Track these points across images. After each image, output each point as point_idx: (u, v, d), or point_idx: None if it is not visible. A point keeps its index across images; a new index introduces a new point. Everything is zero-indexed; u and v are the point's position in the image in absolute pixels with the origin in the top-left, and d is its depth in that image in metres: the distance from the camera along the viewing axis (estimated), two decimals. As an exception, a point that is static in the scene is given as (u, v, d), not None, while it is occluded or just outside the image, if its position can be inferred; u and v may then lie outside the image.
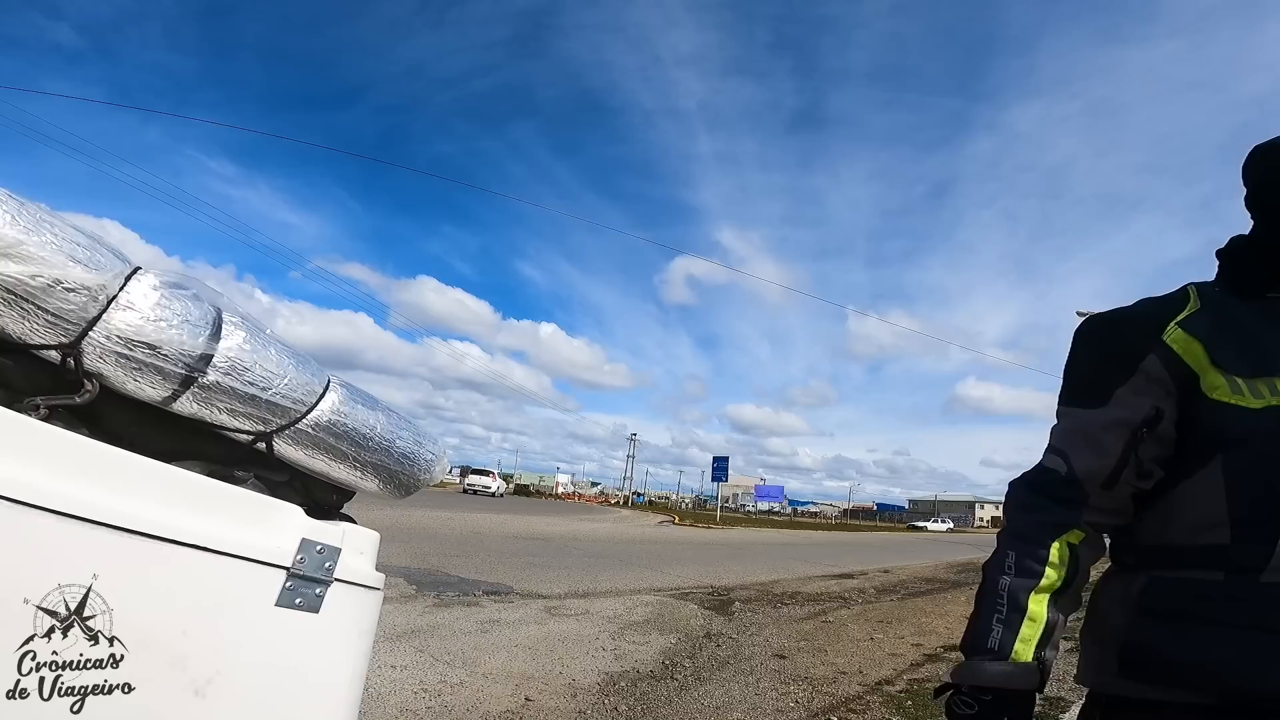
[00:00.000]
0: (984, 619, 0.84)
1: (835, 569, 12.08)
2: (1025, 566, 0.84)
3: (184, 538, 0.72)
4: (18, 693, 0.61)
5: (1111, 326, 0.90)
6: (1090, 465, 0.85)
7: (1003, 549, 0.87)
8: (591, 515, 29.25)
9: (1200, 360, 0.81)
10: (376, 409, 1.06)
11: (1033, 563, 0.84)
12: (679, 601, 6.97)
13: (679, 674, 4.27)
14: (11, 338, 0.74)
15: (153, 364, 0.80)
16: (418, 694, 3.42)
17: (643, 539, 16.62)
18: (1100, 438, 0.85)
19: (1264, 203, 0.88)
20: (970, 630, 0.85)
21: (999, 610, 0.83)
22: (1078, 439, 0.87)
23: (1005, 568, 0.85)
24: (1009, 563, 0.85)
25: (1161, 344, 0.84)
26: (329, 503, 1.06)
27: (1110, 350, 0.87)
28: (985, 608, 0.85)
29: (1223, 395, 0.79)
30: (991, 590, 0.85)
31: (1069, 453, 0.87)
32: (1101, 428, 0.85)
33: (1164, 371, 0.82)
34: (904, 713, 3.73)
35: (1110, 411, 0.84)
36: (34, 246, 0.71)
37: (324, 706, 0.86)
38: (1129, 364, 0.84)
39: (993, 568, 0.87)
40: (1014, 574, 0.84)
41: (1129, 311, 0.91)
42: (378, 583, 0.93)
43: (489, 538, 12.11)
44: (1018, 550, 0.85)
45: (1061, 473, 0.87)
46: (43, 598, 0.62)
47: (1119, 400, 0.84)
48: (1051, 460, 0.89)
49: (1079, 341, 0.94)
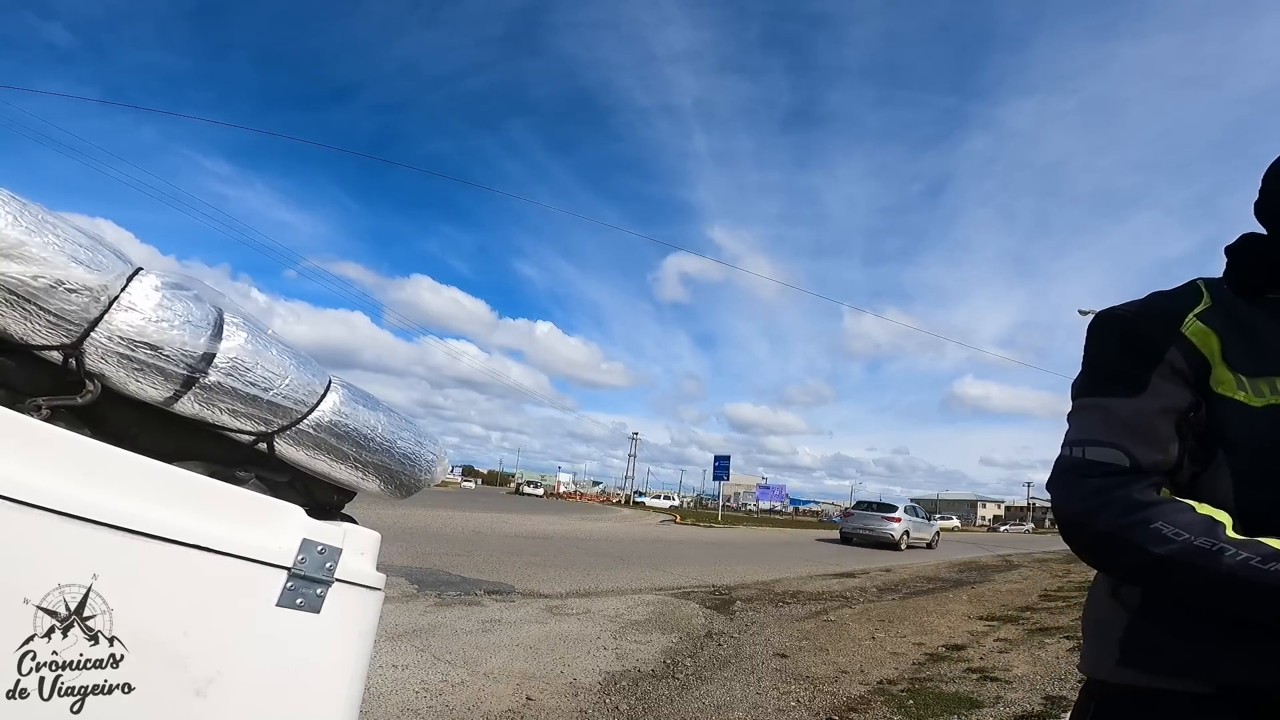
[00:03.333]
0: (1249, 568, 0.65)
1: (837, 568, 12.08)
2: (1191, 521, 0.70)
3: (185, 538, 0.73)
4: (18, 693, 0.61)
5: (1130, 319, 0.87)
6: (1154, 457, 0.78)
7: (1138, 525, 0.71)
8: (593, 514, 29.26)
9: (1214, 354, 0.80)
10: (378, 409, 1.06)
11: (1191, 515, 0.71)
12: (680, 600, 6.97)
13: (680, 673, 4.27)
14: (14, 338, 0.74)
15: (154, 364, 0.80)
16: (419, 693, 3.43)
17: (644, 538, 16.62)
18: (1154, 426, 0.79)
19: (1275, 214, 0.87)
20: (1248, 593, 0.66)
21: (1246, 555, 0.66)
22: (1130, 430, 0.79)
23: (1172, 535, 0.69)
24: (1170, 530, 0.70)
25: (1181, 336, 0.83)
26: (330, 503, 1.06)
27: (1134, 342, 0.85)
28: (1231, 565, 0.66)
29: (1228, 390, 0.78)
30: (1201, 552, 0.68)
31: (1125, 444, 0.79)
32: (1153, 414, 0.79)
33: (1185, 363, 0.81)
34: (906, 712, 3.73)
35: (1153, 399, 0.80)
36: (36, 247, 0.71)
37: (325, 706, 0.86)
38: (1153, 353, 0.82)
39: (1157, 543, 0.70)
40: (1192, 531, 0.69)
41: (1146, 305, 0.89)
42: (379, 583, 0.94)
43: (490, 537, 12.12)
44: (1162, 515, 0.71)
45: (1127, 465, 0.78)
46: (43, 598, 0.62)
47: (1157, 387, 0.81)
48: (1102, 454, 0.79)
49: (1097, 334, 0.91)
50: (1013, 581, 11.44)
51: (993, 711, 3.75)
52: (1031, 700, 3.92)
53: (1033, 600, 8.81)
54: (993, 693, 4.11)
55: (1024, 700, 3.91)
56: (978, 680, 4.44)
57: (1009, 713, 3.73)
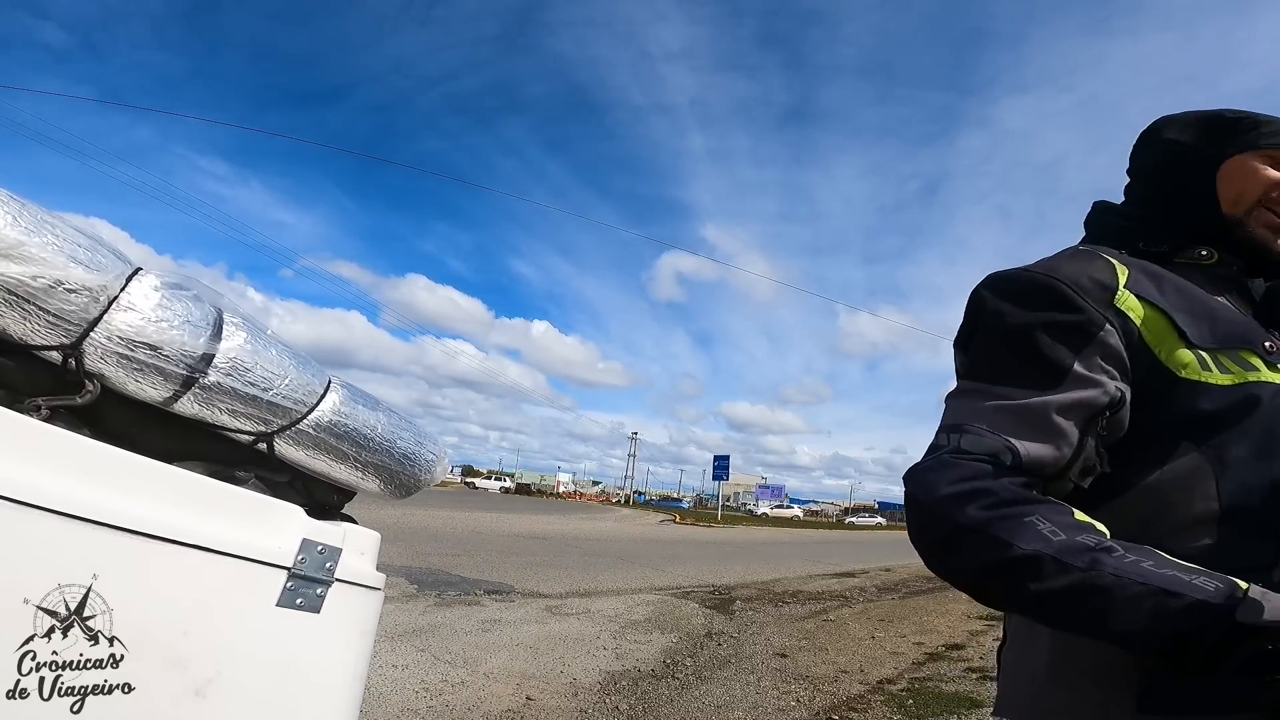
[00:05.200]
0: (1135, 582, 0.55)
1: (836, 568, 12.08)
2: (1073, 522, 0.60)
3: (185, 538, 0.72)
4: (18, 693, 0.61)
5: (1051, 287, 0.72)
6: (1043, 453, 0.66)
7: (1010, 519, 0.59)
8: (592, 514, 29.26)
9: (1162, 333, 0.70)
10: (377, 409, 1.06)
11: (1072, 516, 0.61)
12: (680, 600, 6.97)
13: (680, 673, 4.27)
14: (13, 338, 0.74)
15: (154, 365, 0.80)
16: (419, 693, 3.43)
17: (643, 538, 16.62)
18: (1054, 422, 0.66)
19: (1182, 164, 0.84)
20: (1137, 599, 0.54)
21: (1135, 559, 0.56)
22: (1021, 421, 0.67)
23: (1049, 532, 0.58)
24: (1047, 527, 0.58)
25: (1117, 311, 0.71)
26: (330, 503, 1.06)
27: (1058, 318, 0.70)
28: (1120, 567, 0.56)
29: (1192, 373, 0.69)
30: (1084, 550, 0.57)
31: (1011, 438, 0.66)
32: (1057, 410, 0.67)
33: (1120, 346, 0.70)
34: (905, 711, 3.73)
35: (1069, 393, 0.67)
36: (35, 247, 0.71)
37: (325, 706, 0.86)
38: (1083, 335, 0.69)
39: (1028, 539, 0.58)
40: (1069, 532, 0.58)
41: (1064, 270, 0.73)
42: (379, 583, 0.94)
43: (490, 537, 12.12)
44: (1040, 510, 0.60)
45: (1006, 462, 0.65)
46: (43, 598, 0.62)
47: (1076, 378, 0.68)
48: (981, 444, 0.66)
49: (1004, 303, 0.73)
50: (1012, 581, 11.43)
51: (992, 711, 3.75)
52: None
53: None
54: (992, 692, 4.10)
55: (1024, 699, 3.90)
56: (977, 680, 4.44)
57: (1009, 712, 3.72)
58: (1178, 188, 0.85)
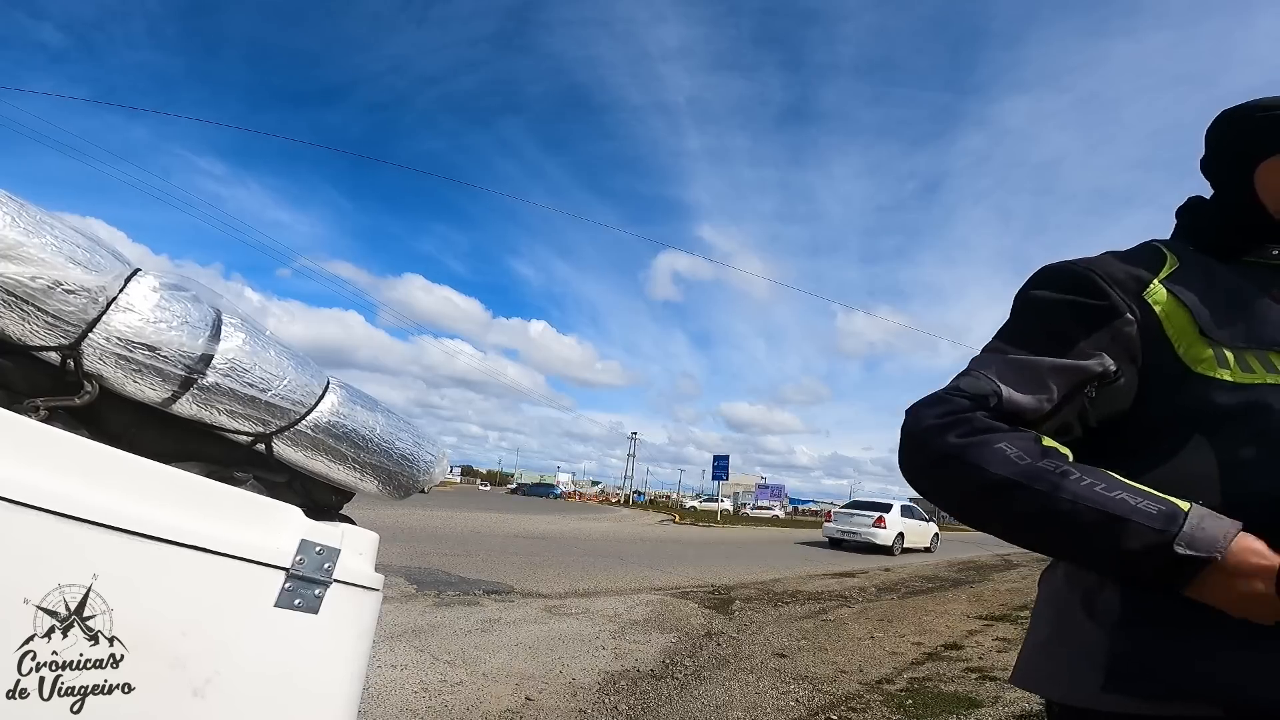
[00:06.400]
0: (1089, 502, 0.60)
1: (836, 567, 12.09)
2: (1039, 448, 0.66)
3: (183, 538, 0.73)
4: (18, 693, 0.61)
5: (1080, 276, 0.77)
6: (1025, 401, 0.72)
7: (982, 446, 0.66)
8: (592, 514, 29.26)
9: (1183, 327, 0.72)
10: (376, 410, 1.06)
11: (1038, 444, 0.67)
12: (679, 600, 6.97)
13: (679, 673, 4.27)
14: (12, 339, 0.74)
15: (152, 365, 0.81)
16: (418, 693, 3.43)
17: (642, 538, 16.62)
18: (1043, 377, 0.73)
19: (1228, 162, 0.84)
20: (1085, 522, 0.60)
21: (1090, 482, 0.62)
22: (1015, 373, 0.74)
23: (1015, 458, 0.65)
24: (1014, 452, 0.65)
25: (1142, 303, 0.74)
26: (328, 503, 1.06)
27: (1079, 303, 0.76)
28: (1069, 495, 0.61)
29: (1208, 369, 0.70)
30: (1044, 474, 0.63)
31: (1001, 382, 0.72)
32: (1049, 369, 0.73)
33: (1135, 334, 0.73)
34: (905, 711, 3.74)
35: (1064, 360, 0.73)
36: (34, 248, 0.71)
37: (323, 707, 0.86)
38: (1098, 320, 0.74)
39: (995, 464, 0.65)
40: (1036, 456, 0.65)
41: (1101, 263, 0.79)
42: (377, 583, 0.94)
43: (489, 537, 12.11)
44: (1007, 438, 0.67)
45: (989, 401, 0.71)
46: (43, 598, 0.62)
47: (1078, 352, 0.74)
48: (974, 384, 0.73)
49: (1039, 288, 0.81)
50: (1011, 581, 11.45)
51: (991, 711, 3.76)
52: (1030, 700, 3.93)
53: (1031, 599, 8.81)
54: (991, 692, 4.11)
55: (1023, 699, 3.91)
56: (976, 680, 4.45)
57: (1008, 712, 3.73)
58: (1224, 187, 0.85)
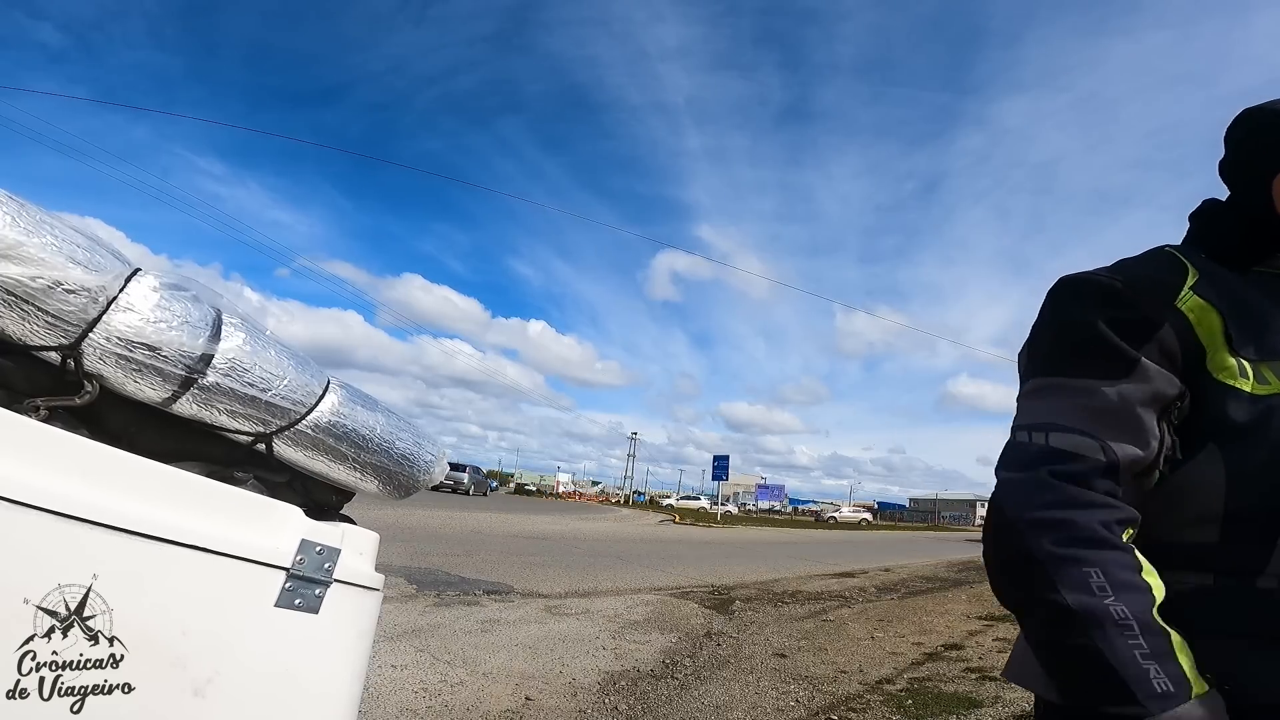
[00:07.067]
0: (1122, 657, 0.59)
1: (836, 568, 12.08)
2: (1125, 581, 0.62)
3: (184, 538, 0.73)
4: (18, 693, 0.61)
5: (1115, 289, 0.74)
6: (1132, 451, 0.68)
7: (1070, 563, 0.62)
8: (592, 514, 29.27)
9: (1214, 335, 0.71)
10: (376, 410, 1.06)
11: (1130, 574, 0.62)
12: (679, 600, 6.97)
13: (679, 673, 4.27)
14: (12, 339, 0.74)
15: (153, 365, 0.81)
16: (418, 693, 3.43)
17: (642, 538, 16.62)
18: (1138, 416, 0.69)
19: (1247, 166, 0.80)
20: (1107, 673, 0.59)
21: (1136, 645, 0.59)
22: (1108, 417, 0.69)
23: (1095, 588, 0.61)
24: (1098, 582, 0.61)
25: (1176, 312, 0.72)
26: (328, 503, 1.06)
27: (1121, 315, 0.72)
28: (1112, 643, 0.59)
29: (1229, 378, 0.69)
30: (1103, 620, 0.60)
31: (1101, 434, 0.68)
32: (1139, 403, 0.69)
33: (1176, 345, 0.71)
34: (904, 711, 3.74)
35: (1140, 384, 0.69)
36: (34, 248, 0.71)
37: (324, 706, 0.86)
38: (1145, 332, 0.71)
39: (1071, 588, 0.61)
40: (1116, 593, 0.61)
41: (1130, 272, 0.76)
42: (377, 583, 0.94)
43: (489, 537, 12.11)
44: (1100, 562, 0.62)
45: (1100, 459, 0.67)
46: (43, 598, 0.62)
47: (1145, 371, 0.70)
48: (1072, 442, 0.69)
49: (1071, 302, 0.77)
50: (1011, 581, 11.42)
51: (991, 711, 3.76)
52: (1030, 700, 3.92)
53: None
54: (991, 692, 4.11)
55: (1023, 699, 3.91)
56: (976, 680, 4.45)
57: (1007, 712, 3.73)
58: (1242, 193, 0.82)
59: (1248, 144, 0.80)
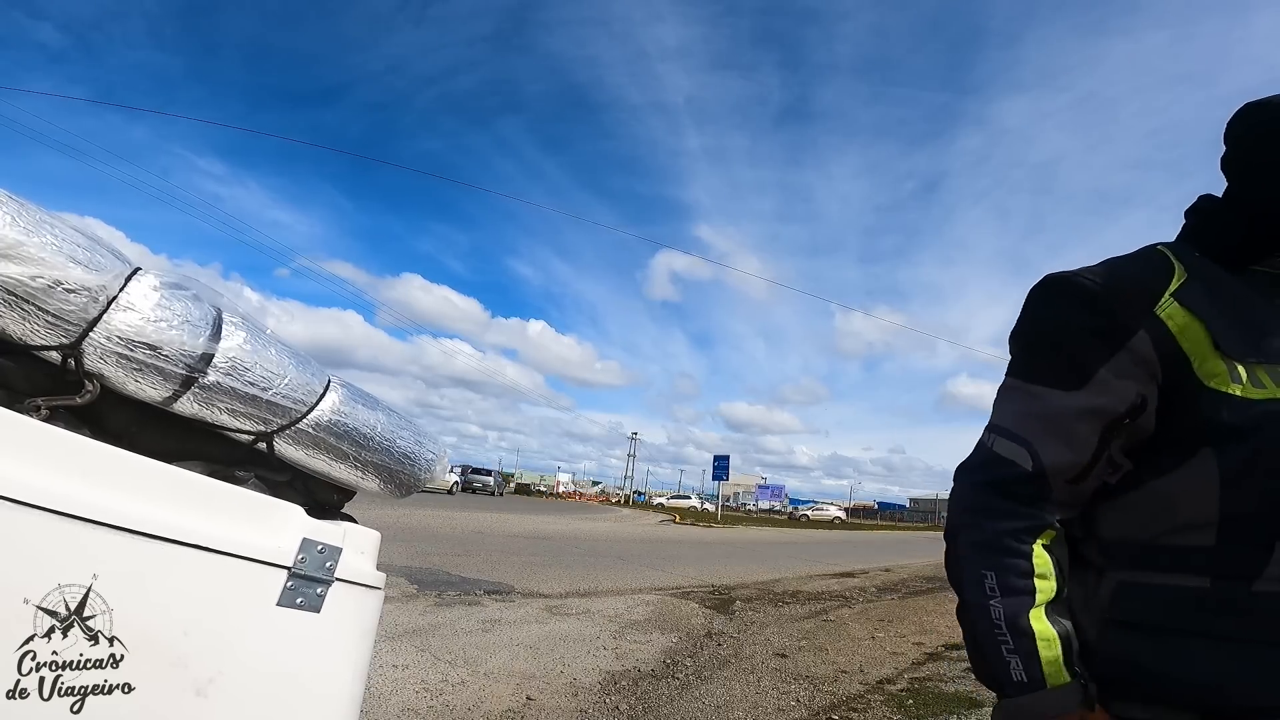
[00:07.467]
0: (992, 651, 0.72)
1: (836, 568, 12.08)
2: (1011, 585, 0.72)
3: (185, 538, 0.73)
4: (18, 693, 0.61)
5: (1091, 293, 0.75)
6: (1061, 459, 0.73)
7: (975, 565, 0.74)
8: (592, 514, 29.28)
9: (1199, 342, 0.70)
10: (377, 409, 1.06)
11: (1017, 578, 0.72)
12: (680, 600, 6.97)
13: (680, 673, 4.27)
14: (12, 339, 0.74)
15: (153, 364, 0.80)
16: (419, 693, 3.43)
17: (643, 538, 16.63)
18: (1074, 428, 0.73)
19: (1251, 162, 0.78)
20: (985, 663, 0.74)
21: (1003, 641, 0.71)
22: (1044, 426, 0.75)
23: (987, 589, 0.73)
24: (990, 584, 0.73)
25: (1154, 319, 0.72)
26: (330, 502, 1.06)
27: (1092, 322, 0.74)
28: (986, 639, 0.73)
29: (1221, 384, 0.69)
30: (983, 617, 0.73)
31: (1034, 442, 0.75)
32: (1076, 416, 0.73)
33: (1153, 352, 0.71)
34: (905, 711, 3.73)
35: (1088, 397, 0.73)
36: (34, 248, 0.71)
37: (325, 706, 0.86)
38: (1114, 340, 0.72)
39: (971, 588, 0.74)
40: (1001, 595, 0.72)
41: (1112, 275, 0.76)
42: (379, 582, 0.94)
43: (490, 537, 12.11)
44: (996, 567, 0.73)
45: (1026, 467, 0.74)
46: (43, 598, 0.62)
47: (1100, 384, 0.72)
48: (1009, 449, 0.76)
49: (1047, 305, 0.79)
50: (1012, 580, 11.43)
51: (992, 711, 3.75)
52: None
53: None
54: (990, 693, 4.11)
55: (1023, 699, 3.90)
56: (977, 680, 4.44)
57: (1008, 711, 3.72)
58: (1244, 188, 0.80)
59: (1249, 138, 0.79)
